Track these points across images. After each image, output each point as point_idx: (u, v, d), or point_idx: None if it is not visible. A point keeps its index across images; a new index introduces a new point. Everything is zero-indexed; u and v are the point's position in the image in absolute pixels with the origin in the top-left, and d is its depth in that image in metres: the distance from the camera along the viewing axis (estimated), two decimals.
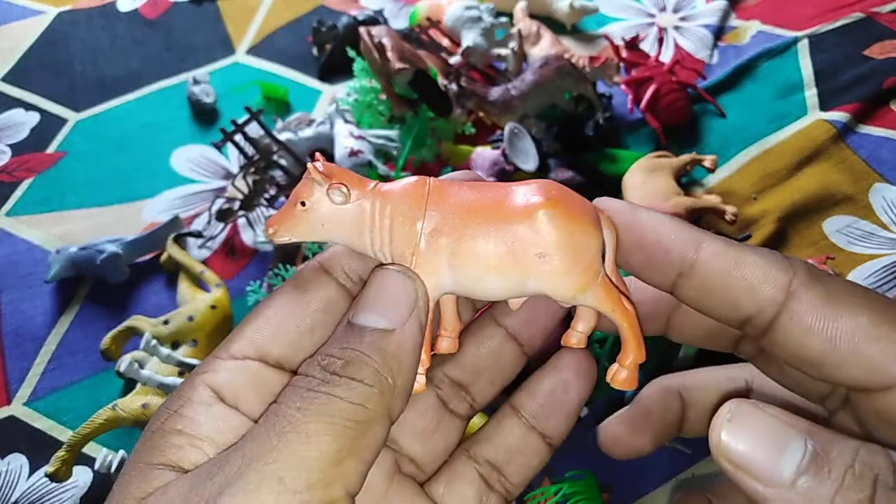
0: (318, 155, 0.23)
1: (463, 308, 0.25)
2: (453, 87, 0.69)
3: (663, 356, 0.53)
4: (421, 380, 0.22)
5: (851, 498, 0.17)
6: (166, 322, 0.59)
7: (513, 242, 0.21)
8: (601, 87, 0.77)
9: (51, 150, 0.82)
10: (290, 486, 0.17)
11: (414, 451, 0.25)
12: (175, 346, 0.58)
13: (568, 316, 0.25)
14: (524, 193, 0.22)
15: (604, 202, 0.23)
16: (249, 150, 0.68)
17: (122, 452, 0.53)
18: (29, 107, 0.87)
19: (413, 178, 0.23)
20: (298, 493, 0.17)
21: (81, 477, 0.55)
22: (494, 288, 0.22)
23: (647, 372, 0.24)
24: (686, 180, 0.71)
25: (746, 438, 0.18)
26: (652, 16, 0.92)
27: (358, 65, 0.76)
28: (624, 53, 0.80)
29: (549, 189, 0.22)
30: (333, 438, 0.18)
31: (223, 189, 0.76)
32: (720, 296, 0.20)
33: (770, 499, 0.18)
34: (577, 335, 0.24)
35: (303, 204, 0.22)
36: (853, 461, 0.17)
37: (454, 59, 0.78)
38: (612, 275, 0.22)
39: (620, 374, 0.23)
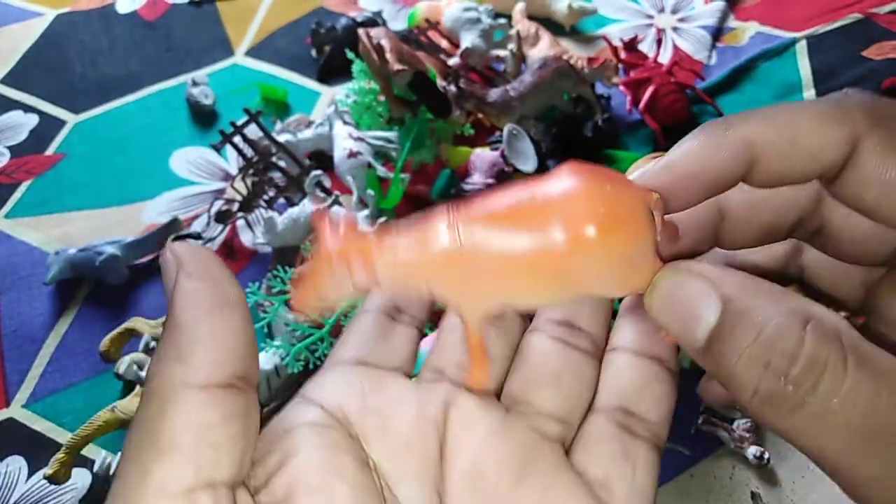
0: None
1: None
2: (452, 88, 0.69)
3: None
4: (485, 379, 0.22)
5: (753, 363, 0.17)
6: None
7: (564, 274, 0.19)
8: (600, 89, 0.77)
9: (50, 151, 0.82)
10: None
11: (548, 403, 0.22)
12: None
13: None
14: (565, 215, 0.18)
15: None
16: (248, 151, 0.68)
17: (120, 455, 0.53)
18: (28, 108, 0.87)
19: (430, 227, 0.19)
20: None
21: (80, 479, 0.54)
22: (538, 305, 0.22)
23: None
24: None
25: (663, 307, 0.19)
26: (650, 17, 0.92)
27: (357, 66, 0.76)
28: (622, 54, 0.80)
29: (593, 204, 0.18)
30: None
31: (222, 191, 0.76)
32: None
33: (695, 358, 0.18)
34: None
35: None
36: (764, 326, 0.17)
37: (453, 61, 0.78)
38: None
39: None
